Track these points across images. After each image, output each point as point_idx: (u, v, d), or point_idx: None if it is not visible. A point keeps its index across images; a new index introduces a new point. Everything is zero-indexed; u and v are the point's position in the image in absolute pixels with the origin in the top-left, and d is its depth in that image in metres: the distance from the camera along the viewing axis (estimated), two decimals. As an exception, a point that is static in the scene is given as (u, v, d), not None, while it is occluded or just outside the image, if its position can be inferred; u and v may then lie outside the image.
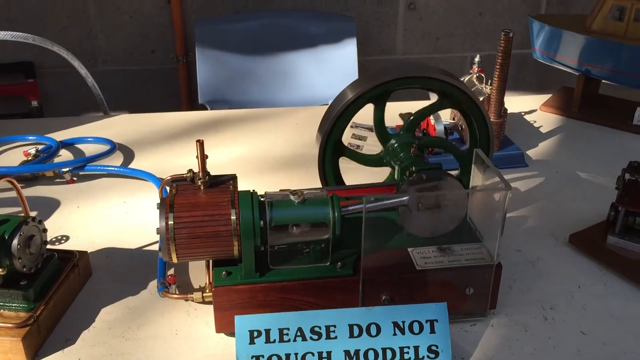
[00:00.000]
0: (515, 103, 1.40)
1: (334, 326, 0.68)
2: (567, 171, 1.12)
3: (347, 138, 1.24)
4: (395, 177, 0.83)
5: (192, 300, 0.75)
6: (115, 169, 1.07)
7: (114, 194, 1.03)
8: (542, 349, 0.73)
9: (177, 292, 0.78)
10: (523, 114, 1.36)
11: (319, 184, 0.88)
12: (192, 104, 2.07)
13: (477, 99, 0.85)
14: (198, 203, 0.68)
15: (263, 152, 1.18)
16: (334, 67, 1.88)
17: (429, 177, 0.75)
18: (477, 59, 1.18)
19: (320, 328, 0.68)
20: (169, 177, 0.74)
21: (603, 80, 1.32)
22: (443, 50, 2.19)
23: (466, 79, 1.18)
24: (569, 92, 1.39)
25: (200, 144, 0.70)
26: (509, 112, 1.35)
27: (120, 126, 1.28)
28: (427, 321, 0.69)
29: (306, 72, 1.89)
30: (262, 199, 0.70)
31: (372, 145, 1.21)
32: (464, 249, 0.76)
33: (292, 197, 0.70)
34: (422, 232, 0.75)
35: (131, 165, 1.12)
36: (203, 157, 0.70)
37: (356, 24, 1.94)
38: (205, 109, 1.85)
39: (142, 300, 0.79)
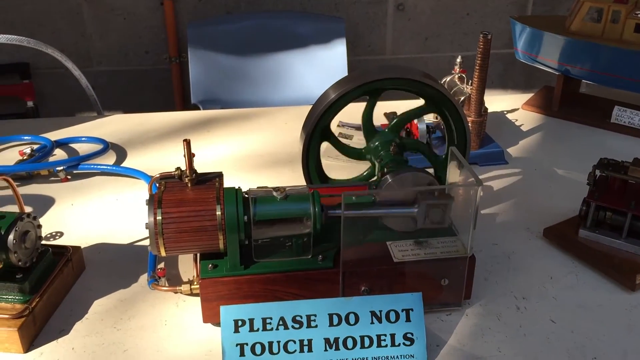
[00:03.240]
0: (498, 102, 1.44)
1: (315, 315, 0.72)
2: (545, 168, 1.16)
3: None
4: (376, 172, 0.87)
5: (181, 293, 0.79)
6: (108, 167, 1.10)
7: (107, 191, 1.06)
8: (513, 336, 0.77)
9: (167, 285, 0.81)
10: (505, 112, 1.40)
11: (304, 182, 0.92)
12: (186, 104, 2.10)
13: (454, 99, 0.89)
14: (185, 199, 0.72)
15: (252, 150, 1.22)
16: (324, 66, 1.92)
17: (405, 175, 0.79)
18: (458, 60, 1.22)
19: (301, 317, 0.71)
20: (158, 175, 0.77)
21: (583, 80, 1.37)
22: (431, 50, 2.23)
23: (448, 79, 1.22)
24: (550, 91, 1.43)
25: (187, 143, 0.73)
26: (491, 111, 1.40)
27: (113, 126, 1.31)
28: (403, 310, 0.73)
29: (297, 72, 1.93)
30: (246, 196, 0.74)
31: (358, 145, 1.25)
32: (440, 242, 0.80)
33: (275, 194, 0.74)
34: (401, 227, 0.79)
35: (123, 164, 1.15)
36: (190, 156, 0.74)
37: (346, 25, 1.98)
38: (198, 108, 1.89)
39: (133, 293, 0.82)
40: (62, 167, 1.08)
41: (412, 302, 0.73)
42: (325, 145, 1.23)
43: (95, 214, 1.00)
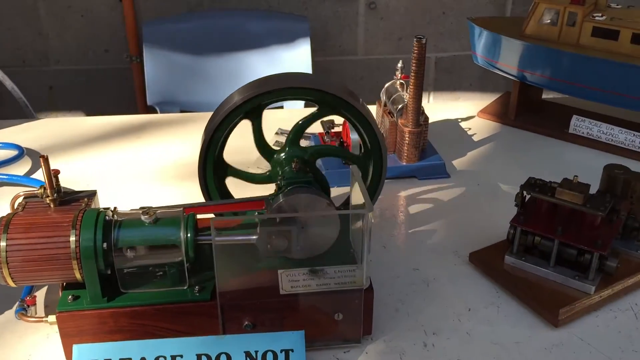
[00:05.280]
0: (454, 109, 1.35)
1: (181, 356, 0.64)
2: (491, 183, 1.08)
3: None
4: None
5: (48, 323, 0.72)
6: (5, 177, 1.03)
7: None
8: (412, 379, 0.69)
9: (36, 315, 0.74)
10: (460, 120, 1.31)
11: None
12: (147, 105, 2.03)
13: (365, 111, 0.80)
14: (36, 224, 0.64)
15: (179, 159, 1.14)
16: (287, 67, 1.84)
17: (298, 196, 0.71)
18: (399, 65, 1.13)
19: (165, 358, 0.64)
20: (21, 193, 0.70)
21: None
22: (406, 51, 2.13)
23: (388, 85, 1.14)
24: (509, 98, 1.34)
25: (45, 159, 0.66)
26: (446, 118, 1.32)
27: (39, 131, 1.24)
28: (282, 351, 0.65)
29: (258, 73, 1.84)
30: (111, 219, 0.66)
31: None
32: (338, 272, 0.71)
33: (143, 217, 0.66)
34: (290, 255, 0.71)
35: (36, 174, 1.08)
36: (50, 174, 0.67)
37: (311, 24, 1.90)
38: (155, 111, 1.81)
39: (4, 322, 0.75)
40: (-38, 177, 1.01)
41: (293, 342, 0.65)
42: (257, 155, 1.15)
43: (-11, 229, 0.93)
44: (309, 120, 0.81)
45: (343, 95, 0.78)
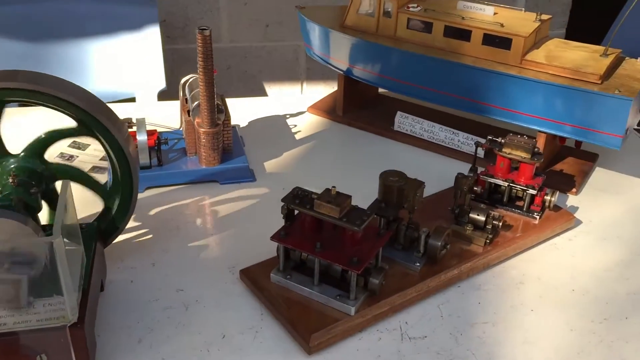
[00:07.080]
0: (287, 105, 1.27)
1: None
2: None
3: (62, 145, 1.07)
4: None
5: None
6: None
7: None
8: None
9: None
10: (288, 116, 1.23)
11: None
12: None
13: (99, 112, 0.71)
14: None
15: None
16: (132, 56, 1.71)
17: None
18: (200, 58, 1.03)
19: None
20: None
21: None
22: (274, 39, 2.04)
23: (191, 80, 1.04)
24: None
25: None
26: (275, 114, 1.23)
27: None
28: (-49, 407, 0.55)
29: (95, 63, 1.70)
30: None
31: (92, 156, 1.06)
32: (47, 305, 0.62)
33: None
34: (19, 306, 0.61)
35: None
36: None
37: (168, 8, 1.77)
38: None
39: None
40: None
41: (-35, 396, 0.55)
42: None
43: None
44: (58, 135, 0.72)
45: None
